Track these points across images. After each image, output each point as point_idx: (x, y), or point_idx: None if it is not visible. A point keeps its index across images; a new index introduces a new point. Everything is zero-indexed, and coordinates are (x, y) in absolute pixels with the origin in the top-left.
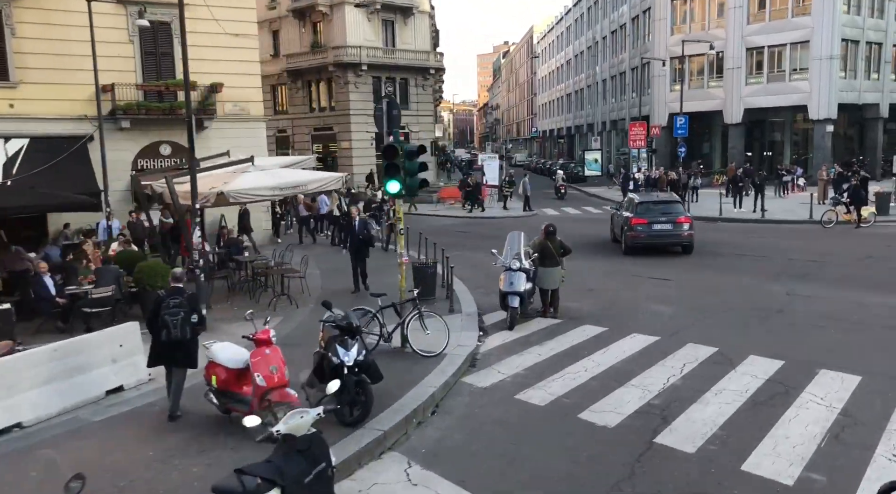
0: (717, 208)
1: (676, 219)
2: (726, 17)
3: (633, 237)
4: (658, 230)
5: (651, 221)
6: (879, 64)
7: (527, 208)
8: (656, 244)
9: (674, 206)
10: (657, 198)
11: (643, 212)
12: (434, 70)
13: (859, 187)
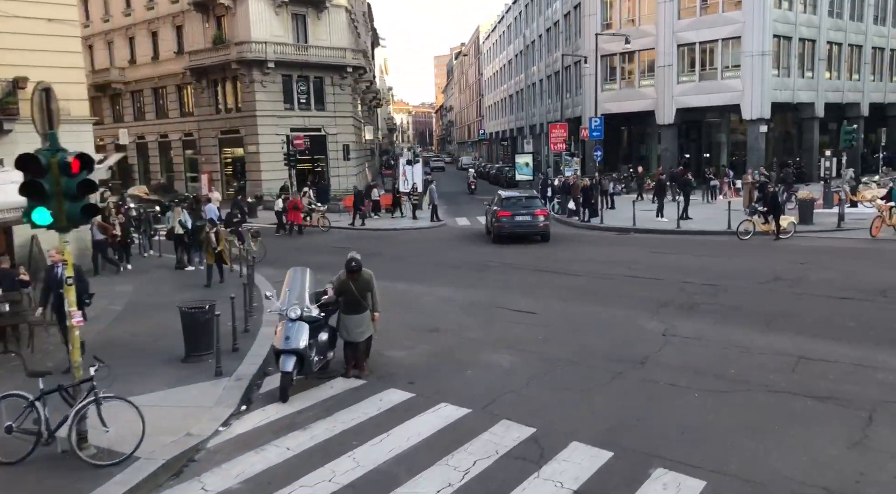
0: (638, 216)
1: (535, 212)
2: (656, 11)
3: (499, 228)
4: (519, 221)
5: (514, 213)
6: (813, 62)
7: (434, 217)
8: (518, 233)
9: (533, 201)
10: (519, 194)
11: (507, 206)
12: (352, 68)
13: (776, 194)
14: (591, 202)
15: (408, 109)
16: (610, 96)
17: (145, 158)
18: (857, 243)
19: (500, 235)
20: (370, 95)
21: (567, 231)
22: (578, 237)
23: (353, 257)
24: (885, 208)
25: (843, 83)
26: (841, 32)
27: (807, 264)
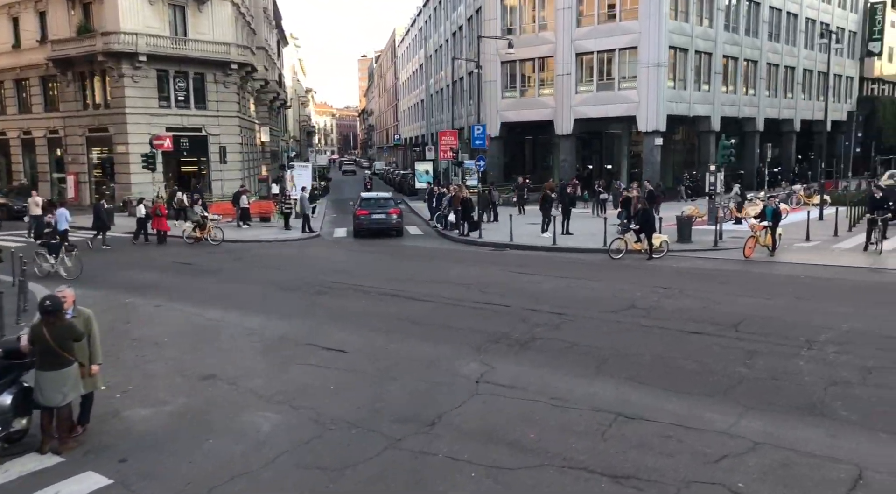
0: (524, 231)
1: (389, 211)
2: (556, 18)
3: (358, 225)
4: (375, 219)
5: (371, 212)
6: (710, 75)
7: (306, 228)
8: (373, 229)
9: (388, 202)
10: (377, 196)
11: (366, 206)
12: (237, 65)
13: (648, 210)
14: (471, 215)
15: (332, 111)
16: (510, 104)
17: (7, 157)
18: (728, 265)
19: (358, 230)
20: (270, 95)
21: (441, 246)
22: (449, 254)
23: (48, 297)
24: (759, 227)
25: (739, 97)
26: (737, 47)
27: (669, 289)
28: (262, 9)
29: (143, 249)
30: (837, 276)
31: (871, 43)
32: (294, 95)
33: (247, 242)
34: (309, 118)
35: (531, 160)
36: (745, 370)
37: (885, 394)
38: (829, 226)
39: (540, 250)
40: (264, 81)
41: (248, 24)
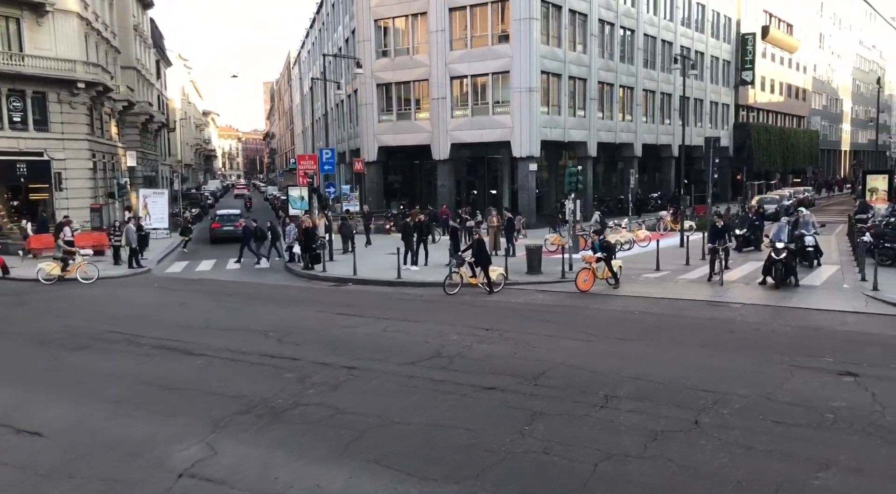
0: (379, 262)
1: (235, 224)
2: (429, 41)
3: (213, 235)
4: (224, 229)
5: (222, 225)
6: (585, 100)
7: (133, 263)
8: (222, 236)
9: (237, 217)
10: (229, 213)
11: (219, 220)
12: (86, 84)
13: (482, 241)
14: (312, 247)
15: (238, 135)
16: (387, 128)
17: None
18: (568, 300)
19: (213, 238)
20: (141, 117)
21: (278, 282)
22: (278, 292)
23: None
24: (591, 259)
25: (615, 123)
26: (612, 73)
27: (490, 330)
28: (133, 27)
29: None
30: (673, 311)
31: (743, 72)
32: (184, 116)
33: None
34: (207, 142)
35: (416, 185)
36: (518, 439)
37: (656, 470)
38: (686, 254)
39: (383, 285)
40: (127, 102)
41: (107, 41)
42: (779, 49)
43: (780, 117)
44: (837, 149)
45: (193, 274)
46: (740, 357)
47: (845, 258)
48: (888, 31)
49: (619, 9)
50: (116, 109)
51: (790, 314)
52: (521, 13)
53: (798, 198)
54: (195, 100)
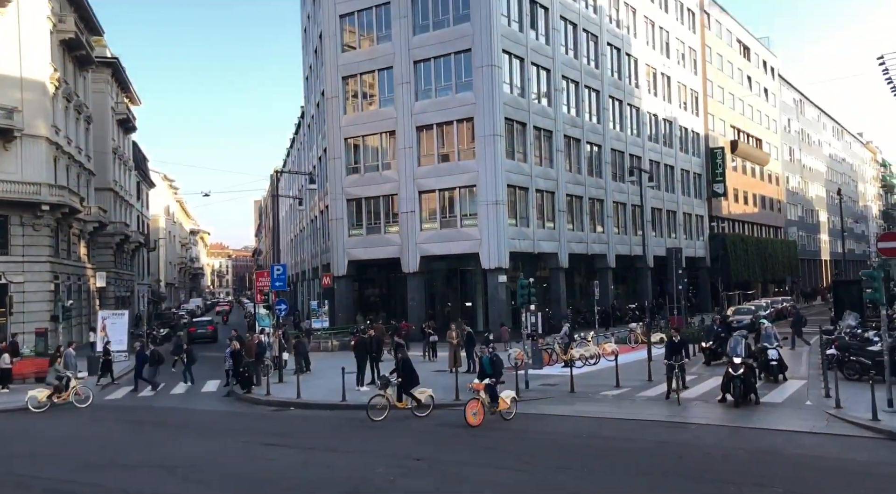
0: (330, 383)
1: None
2: (398, 157)
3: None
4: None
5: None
6: (554, 212)
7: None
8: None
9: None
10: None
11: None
12: (49, 206)
13: (408, 360)
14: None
15: (228, 253)
16: (357, 242)
17: None
18: (495, 423)
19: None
20: (116, 238)
21: (214, 408)
22: (209, 419)
23: None
24: (479, 386)
25: (587, 234)
26: (581, 186)
27: (422, 459)
28: (113, 150)
29: None
30: (624, 434)
31: (715, 184)
32: (167, 236)
33: None
34: (193, 260)
35: (391, 299)
36: None
37: None
38: (649, 369)
39: (326, 409)
40: (98, 223)
41: (79, 164)
42: (749, 162)
43: (756, 228)
44: (817, 258)
45: (135, 400)
46: (687, 488)
47: (814, 372)
48: (856, 146)
49: (585, 125)
50: (87, 230)
51: (746, 435)
52: (485, 130)
53: (776, 308)
54: (182, 219)
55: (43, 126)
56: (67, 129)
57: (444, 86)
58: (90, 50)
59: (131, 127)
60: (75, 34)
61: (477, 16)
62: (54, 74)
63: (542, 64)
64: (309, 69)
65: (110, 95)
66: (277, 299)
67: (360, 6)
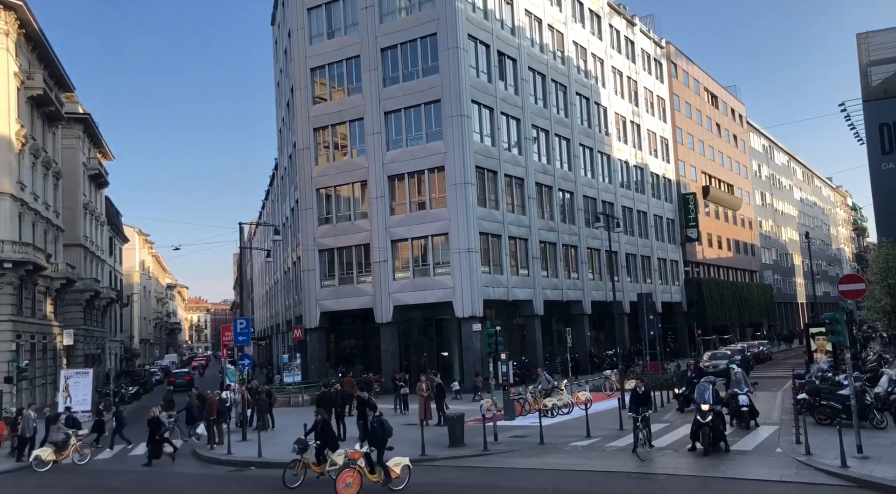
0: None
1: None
2: (370, 207)
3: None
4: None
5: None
6: (528, 259)
7: (22, 454)
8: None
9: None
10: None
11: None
12: (13, 264)
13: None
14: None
15: (207, 306)
16: (329, 293)
17: None
18: (483, 476)
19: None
20: (86, 294)
21: (170, 469)
22: (164, 482)
23: None
24: (355, 455)
25: (561, 281)
26: (554, 233)
27: None
28: (84, 206)
29: None
30: (589, 488)
31: (688, 229)
32: (142, 291)
33: None
34: (170, 315)
35: (367, 350)
36: None
37: None
38: (620, 418)
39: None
40: (66, 280)
41: (47, 220)
42: (722, 207)
43: (731, 272)
44: (794, 301)
45: (91, 463)
46: None
47: (786, 417)
48: (826, 190)
49: (556, 172)
50: (53, 287)
51: (714, 486)
52: (456, 178)
53: (753, 352)
54: (158, 274)
55: (7, 183)
56: (34, 185)
57: (415, 136)
58: (60, 106)
59: (103, 182)
60: (43, 91)
61: (445, 68)
62: (21, 130)
63: (512, 113)
64: (282, 122)
65: (81, 150)
66: (241, 355)
67: (330, 59)
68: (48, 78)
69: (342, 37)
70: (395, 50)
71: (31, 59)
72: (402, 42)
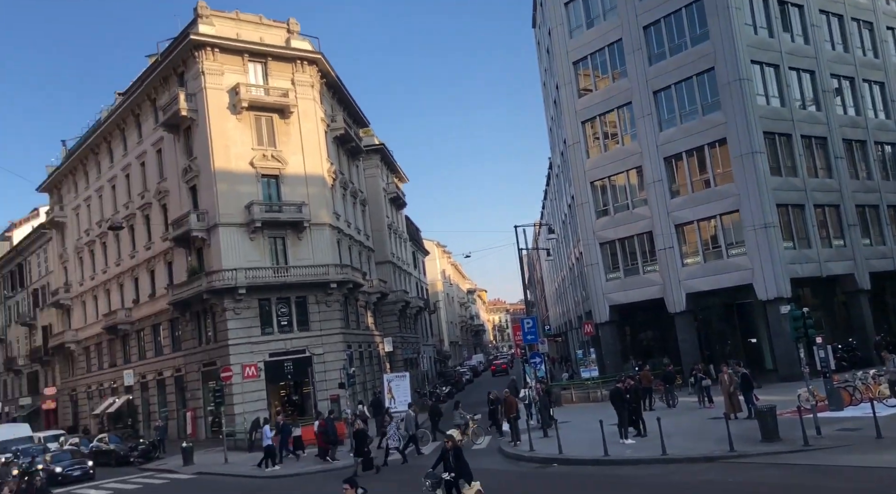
0: (584, 438)
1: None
2: (647, 192)
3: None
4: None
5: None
6: (842, 228)
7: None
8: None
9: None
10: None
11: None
12: (337, 284)
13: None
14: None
15: (506, 307)
16: (615, 286)
17: (147, 399)
18: (806, 476)
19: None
20: (398, 305)
21: (484, 465)
22: None
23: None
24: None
25: (890, 248)
26: (873, 194)
27: None
28: (388, 226)
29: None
30: None
31: None
32: (445, 298)
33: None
34: (473, 318)
35: (665, 342)
36: None
37: None
38: None
39: (589, 465)
40: (380, 294)
41: (359, 243)
42: None
43: None
44: None
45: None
46: None
47: None
48: None
49: (870, 124)
50: (371, 301)
51: None
52: (741, 149)
53: None
54: (458, 281)
55: (326, 214)
56: (346, 213)
57: (689, 111)
58: (359, 141)
59: (402, 203)
60: (344, 130)
61: (717, 32)
62: (331, 168)
63: (803, 66)
64: (551, 120)
65: (380, 177)
66: (532, 353)
67: (591, 49)
68: (347, 118)
69: (601, 23)
70: (659, 24)
71: (332, 103)
72: (665, 15)
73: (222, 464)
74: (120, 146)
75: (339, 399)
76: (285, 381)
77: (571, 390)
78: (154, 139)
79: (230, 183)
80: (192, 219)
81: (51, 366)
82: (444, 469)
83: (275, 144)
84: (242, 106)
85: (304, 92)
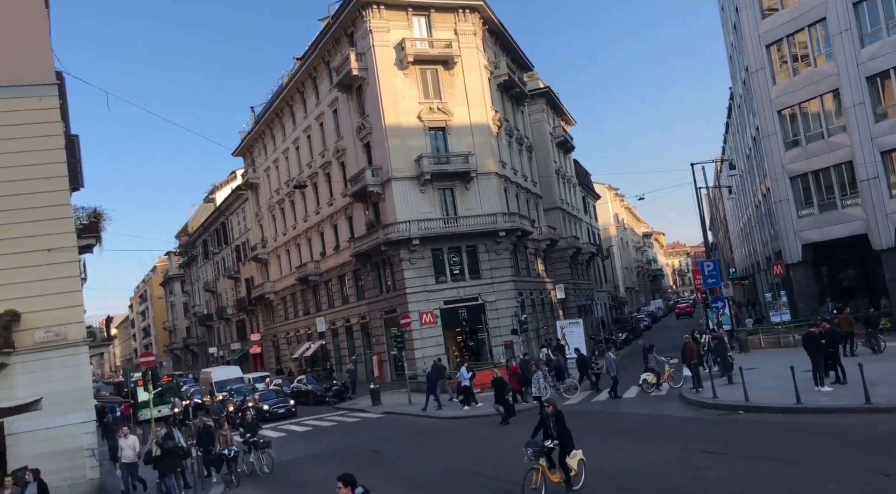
0: (776, 384)
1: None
2: (846, 117)
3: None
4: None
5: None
6: None
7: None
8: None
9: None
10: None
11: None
12: (505, 232)
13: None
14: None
15: (686, 250)
16: (809, 223)
17: (338, 344)
18: None
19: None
20: (569, 252)
21: (660, 411)
22: (657, 424)
23: None
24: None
25: None
26: None
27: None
28: (556, 171)
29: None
30: None
31: None
32: (619, 243)
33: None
34: (650, 263)
35: (871, 282)
36: None
37: None
38: None
39: (779, 413)
40: (550, 240)
41: (526, 190)
42: None
43: None
44: None
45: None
46: None
47: None
48: None
49: None
50: (540, 249)
51: None
52: None
53: None
54: (632, 224)
55: (492, 163)
56: (512, 161)
57: None
58: (523, 86)
59: (570, 147)
60: (508, 76)
61: None
62: (495, 116)
63: None
64: (731, 47)
65: (546, 121)
66: (713, 297)
67: None
68: (510, 63)
69: None
70: None
71: (494, 50)
72: None
73: (406, 405)
74: (300, 109)
75: (511, 345)
76: (461, 328)
77: (760, 335)
78: (330, 100)
79: (400, 138)
80: (367, 175)
81: (254, 314)
82: (544, 437)
83: (440, 96)
84: (408, 61)
85: (466, 41)
